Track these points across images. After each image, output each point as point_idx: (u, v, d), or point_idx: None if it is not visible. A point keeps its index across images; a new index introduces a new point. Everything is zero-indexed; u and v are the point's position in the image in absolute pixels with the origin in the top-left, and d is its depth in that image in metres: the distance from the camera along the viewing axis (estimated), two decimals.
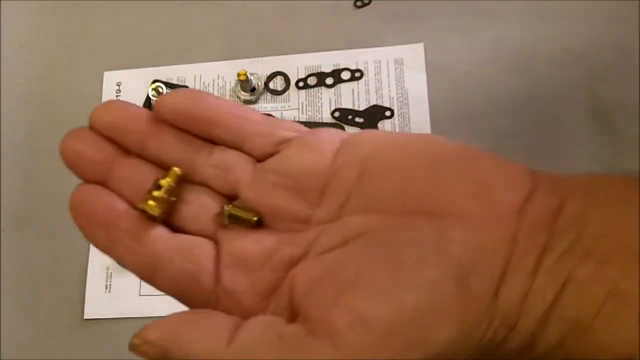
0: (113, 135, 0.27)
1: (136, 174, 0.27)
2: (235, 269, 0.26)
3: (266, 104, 0.47)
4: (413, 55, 0.47)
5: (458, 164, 0.24)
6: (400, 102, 0.46)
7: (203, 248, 0.26)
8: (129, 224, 0.26)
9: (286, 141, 0.27)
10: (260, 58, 0.49)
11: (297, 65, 0.48)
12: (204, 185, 0.28)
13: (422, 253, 0.22)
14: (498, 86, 0.46)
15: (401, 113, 0.46)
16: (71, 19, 0.53)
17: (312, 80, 0.48)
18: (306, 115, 0.47)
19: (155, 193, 0.26)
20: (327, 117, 0.46)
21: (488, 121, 0.45)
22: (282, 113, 0.47)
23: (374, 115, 0.46)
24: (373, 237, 0.24)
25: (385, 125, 0.45)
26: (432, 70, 0.47)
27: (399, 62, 0.47)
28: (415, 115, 0.45)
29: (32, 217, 0.48)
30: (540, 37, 0.46)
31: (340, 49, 0.48)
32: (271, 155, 0.27)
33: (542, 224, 0.22)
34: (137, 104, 0.49)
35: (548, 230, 0.21)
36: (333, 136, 0.27)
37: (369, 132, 0.28)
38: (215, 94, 0.47)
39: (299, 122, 0.46)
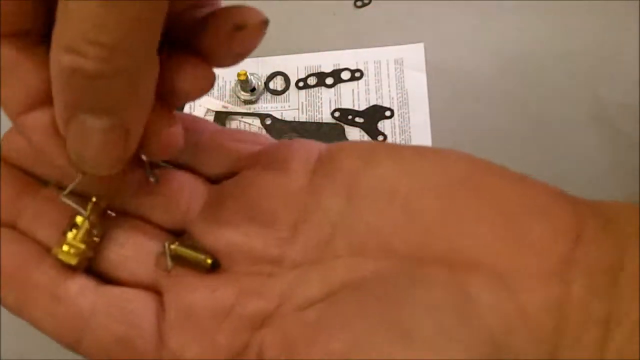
0: (26, 164, 0.23)
1: (53, 209, 0.22)
2: (183, 329, 0.20)
3: (266, 104, 0.47)
4: (413, 55, 0.47)
5: (478, 191, 0.18)
6: (400, 102, 0.46)
7: (140, 303, 0.21)
8: (44, 276, 0.21)
9: (247, 157, 0.22)
10: (260, 58, 0.49)
11: (297, 65, 0.48)
12: (139, 217, 0.22)
13: (441, 321, 0.16)
14: (498, 86, 0.46)
15: (401, 113, 0.46)
16: None
17: (312, 80, 0.48)
18: (306, 115, 0.47)
19: (70, 235, 0.21)
20: (327, 117, 0.46)
21: (488, 121, 0.45)
22: (282, 113, 0.47)
23: (374, 115, 0.46)
24: (369, 290, 0.18)
25: (385, 125, 0.45)
26: (432, 70, 0.47)
27: (399, 62, 0.47)
28: (415, 115, 0.46)
29: None
30: (540, 38, 0.46)
31: (340, 49, 0.48)
32: (228, 176, 0.23)
33: (600, 282, 0.16)
34: None
35: (609, 292, 0.16)
36: (307, 149, 0.22)
37: (355, 143, 0.22)
38: (215, 94, 0.47)
39: (298, 122, 0.46)
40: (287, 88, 0.48)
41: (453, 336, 0.16)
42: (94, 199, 0.22)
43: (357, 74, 0.47)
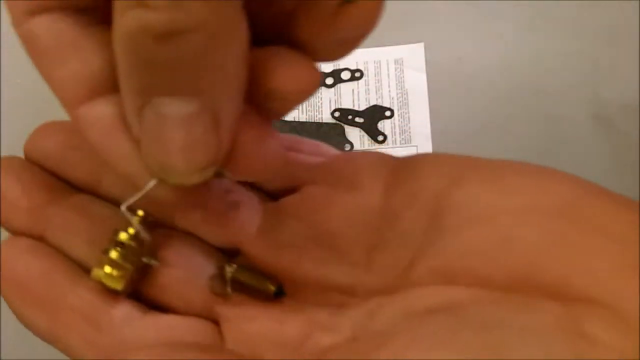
0: (56, 167, 0.20)
1: (88, 220, 0.19)
2: None
3: None
4: (413, 55, 0.47)
5: (587, 218, 0.15)
6: (400, 102, 0.46)
7: (196, 334, 0.18)
8: (81, 299, 0.18)
9: (308, 171, 0.20)
10: None
11: None
12: (190, 234, 0.20)
13: (549, 351, 0.14)
14: (498, 86, 0.46)
15: (401, 113, 0.46)
16: None
17: None
18: (306, 115, 0.47)
19: (114, 255, 0.18)
20: (327, 117, 0.46)
21: (488, 121, 0.45)
22: None
23: (374, 115, 0.46)
24: (461, 314, 0.15)
25: (385, 125, 0.45)
26: (432, 70, 0.47)
27: (399, 62, 0.47)
28: (415, 115, 0.45)
29: None
30: (540, 37, 0.46)
31: None
32: (288, 191, 0.20)
33: None
34: None
35: None
36: (378, 162, 0.19)
37: (437, 157, 0.19)
38: None
39: (298, 122, 0.46)
40: None
41: None
42: (141, 213, 0.18)
43: (357, 74, 0.47)
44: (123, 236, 0.18)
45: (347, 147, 0.44)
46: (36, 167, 0.20)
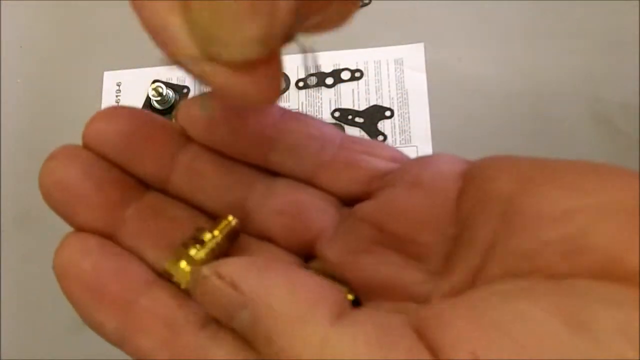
0: (120, 158, 0.18)
1: (165, 223, 0.18)
2: None
3: None
4: (413, 55, 0.47)
5: None
6: (400, 102, 0.46)
7: None
8: (156, 302, 0.17)
9: (382, 176, 0.19)
10: None
11: (297, 65, 0.48)
12: (264, 238, 0.19)
13: (625, 321, 0.13)
14: (498, 86, 0.46)
15: (401, 113, 0.46)
16: (71, 19, 0.53)
17: (312, 80, 0.48)
18: None
19: (193, 252, 0.17)
20: (327, 117, 0.46)
21: (488, 121, 0.45)
22: None
23: (374, 115, 0.46)
24: (536, 289, 0.15)
25: (385, 125, 0.45)
26: (432, 70, 0.47)
27: (399, 62, 0.47)
28: (415, 115, 0.45)
29: (32, 217, 0.48)
30: (540, 37, 0.46)
31: (340, 49, 0.48)
32: (362, 197, 0.19)
33: None
34: (137, 104, 0.49)
35: None
36: (450, 167, 0.19)
37: (504, 160, 0.18)
38: None
39: None
40: (287, 88, 0.48)
41: (633, 338, 0.13)
42: (230, 218, 0.18)
43: (357, 74, 0.47)
44: (206, 236, 0.18)
45: None
46: (104, 159, 0.18)
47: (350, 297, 0.17)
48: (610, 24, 0.46)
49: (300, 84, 0.47)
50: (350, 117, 0.46)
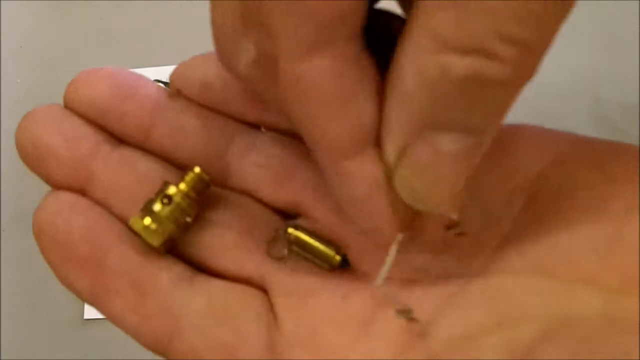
0: (100, 118, 0.18)
1: (135, 175, 0.17)
2: (306, 347, 0.16)
3: None
4: None
5: None
6: None
7: (248, 304, 0.16)
8: (125, 261, 0.17)
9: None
10: None
11: None
12: (245, 194, 0.18)
13: None
14: None
15: None
16: (71, 19, 0.53)
17: None
18: None
19: (158, 208, 0.17)
20: None
21: None
22: None
23: None
24: (573, 329, 0.13)
25: None
26: None
27: None
28: None
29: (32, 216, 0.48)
30: None
31: None
32: None
33: None
34: None
35: None
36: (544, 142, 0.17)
37: (532, 129, 0.18)
38: None
39: None
40: None
41: None
42: (197, 170, 0.17)
43: None
44: (171, 190, 0.17)
45: None
46: (77, 116, 0.18)
47: (337, 258, 0.17)
48: (610, 24, 0.46)
49: None
50: None
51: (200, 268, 0.18)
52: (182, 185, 0.17)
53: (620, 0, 0.46)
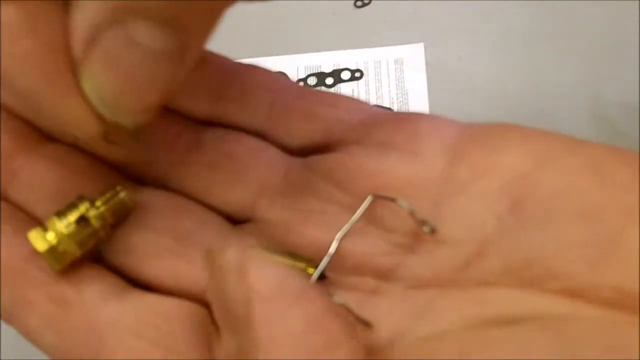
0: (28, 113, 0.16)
1: (59, 173, 0.16)
2: None
3: None
4: (413, 55, 0.47)
5: None
6: (400, 102, 0.46)
7: (184, 320, 0.15)
8: (47, 273, 0.15)
9: (345, 129, 0.16)
10: (259, 58, 0.49)
11: (297, 65, 0.48)
12: (191, 197, 0.16)
13: None
14: (498, 86, 0.46)
15: None
16: None
17: (312, 80, 0.48)
18: None
19: (62, 225, 0.15)
20: None
21: (488, 121, 0.45)
22: None
23: None
24: (558, 332, 0.12)
25: None
26: (432, 70, 0.47)
27: (399, 62, 0.47)
28: None
29: None
30: (540, 37, 0.46)
31: (340, 49, 0.48)
32: (319, 150, 0.16)
33: None
34: None
35: None
36: (439, 126, 0.16)
37: (512, 128, 0.16)
38: None
39: None
40: None
41: None
42: (119, 189, 0.15)
43: (357, 74, 0.47)
44: (84, 208, 0.15)
45: None
46: (4, 111, 0.16)
47: (310, 270, 0.15)
48: (610, 24, 0.46)
49: (300, 84, 0.47)
50: None
51: (134, 279, 0.16)
52: (98, 203, 0.15)
53: (620, 0, 0.46)
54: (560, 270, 0.13)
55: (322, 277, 0.15)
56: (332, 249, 0.14)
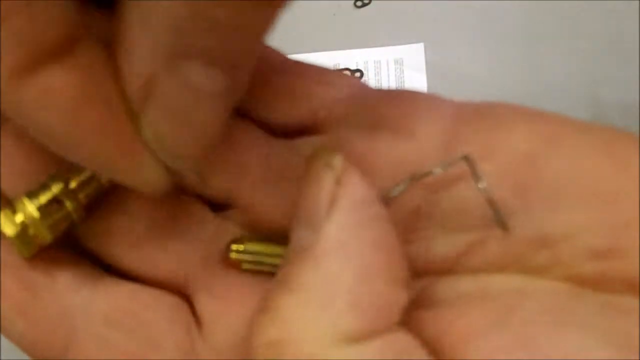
0: None
1: (28, 146, 0.14)
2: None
3: None
4: (413, 55, 0.47)
5: None
6: None
7: (162, 311, 0.14)
8: (16, 257, 0.14)
9: (335, 107, 0.15)
10: None
11: None
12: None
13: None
14: (498, 86, 0.46)
15: None
16: None
17: None
18: None
19: (32, 207, 0.13)
20: None
21: None
22: None
23: None
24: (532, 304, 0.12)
25: None
26: (432, 70, 0.46)
27: (399, 62, 0.47)
28: None
29: None
30: (539, 37, 0.46)
31: (340, 49, 0.48)
32: (305, 131, 0.16)
33: None
34: None
35: None
36: (435, 105, 0.15)
37: (517, 108, 0.15)
38: None
39: None
40: None
41: None
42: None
43: (357, 74, 0.47)
44: (56, 188, 0.14)
45: None
46: None
47: None
48: (610, 24, 0.46)
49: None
50: None
51: (109, 266, 0.15)
52: (73, 184, 0.14)
53: (620, 0, 0.46)
54: (567, 257, 0.12)
55: None
56: (399, 188, 0.13)
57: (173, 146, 0.13)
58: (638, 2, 0.45)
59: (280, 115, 0.16)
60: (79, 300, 0.14)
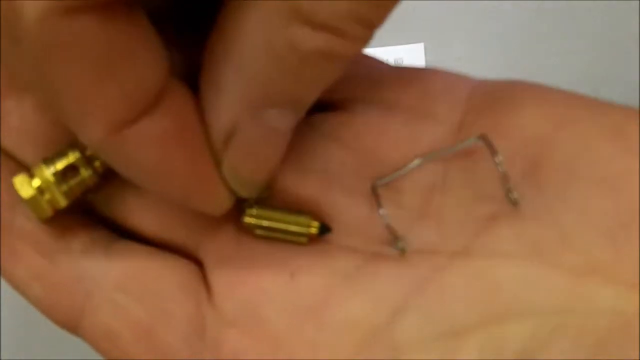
0: None
1: (50, 120, 0.15)
2: (247, 332, 0.13)
3: None
4: (413, 55, 0.47)
5: None
6: None
7: (174, 279, 0.14)
8: (33, 223, 0.14)
9: (355, 84, 0.16)
10: None
11: None
12: None
13: None
14: None
15: None
16: None
17: None
18: None
19: (49, 173, 0.14)
20: None
21: None
22: None
23: None
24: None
25: None
26: None
27: (399, 62, 0.47)
28: None
29: None
30: (540, 37, 0.46)
31: None
32: (321, 105, 0.16)
33: None
34: None
35: None
36: (454, 85, 0.16)
37: (531, 87, 0.14)
38: None
39: None
40: None
41: None
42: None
43: None
44: (73, 156, 0.14)
45: None
46: None
47: (314, 225, 0.14)
48: (610, 24, 0.46)
49: None
50: None
51: (124, 231, 0.15)
52: (90, 152, 0.14)
53: (620, 0, 0.46)
54: (578, 243, 0.12)
55: (324, 230, 0.14)
56: (411, 165, 0.14)
57: (247, 178, 0.14)
58: (638, 2, 0.45)
59: None
60: (94, 265, 0.14)
